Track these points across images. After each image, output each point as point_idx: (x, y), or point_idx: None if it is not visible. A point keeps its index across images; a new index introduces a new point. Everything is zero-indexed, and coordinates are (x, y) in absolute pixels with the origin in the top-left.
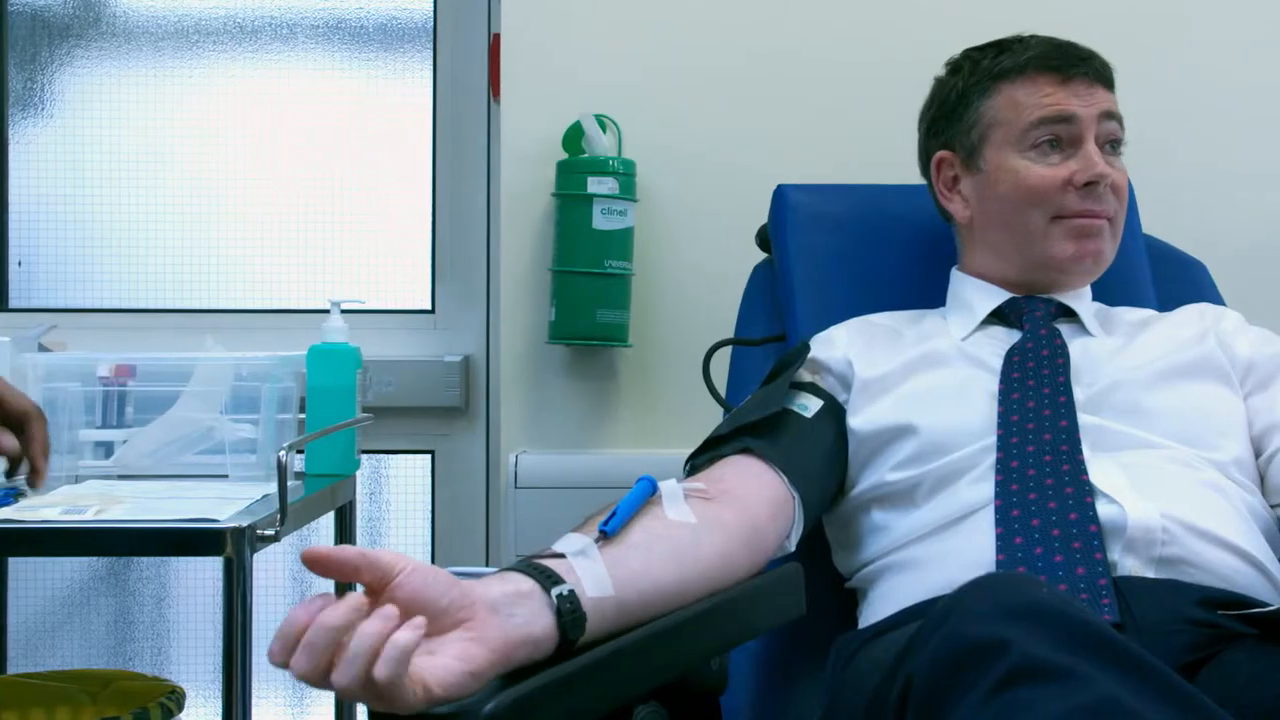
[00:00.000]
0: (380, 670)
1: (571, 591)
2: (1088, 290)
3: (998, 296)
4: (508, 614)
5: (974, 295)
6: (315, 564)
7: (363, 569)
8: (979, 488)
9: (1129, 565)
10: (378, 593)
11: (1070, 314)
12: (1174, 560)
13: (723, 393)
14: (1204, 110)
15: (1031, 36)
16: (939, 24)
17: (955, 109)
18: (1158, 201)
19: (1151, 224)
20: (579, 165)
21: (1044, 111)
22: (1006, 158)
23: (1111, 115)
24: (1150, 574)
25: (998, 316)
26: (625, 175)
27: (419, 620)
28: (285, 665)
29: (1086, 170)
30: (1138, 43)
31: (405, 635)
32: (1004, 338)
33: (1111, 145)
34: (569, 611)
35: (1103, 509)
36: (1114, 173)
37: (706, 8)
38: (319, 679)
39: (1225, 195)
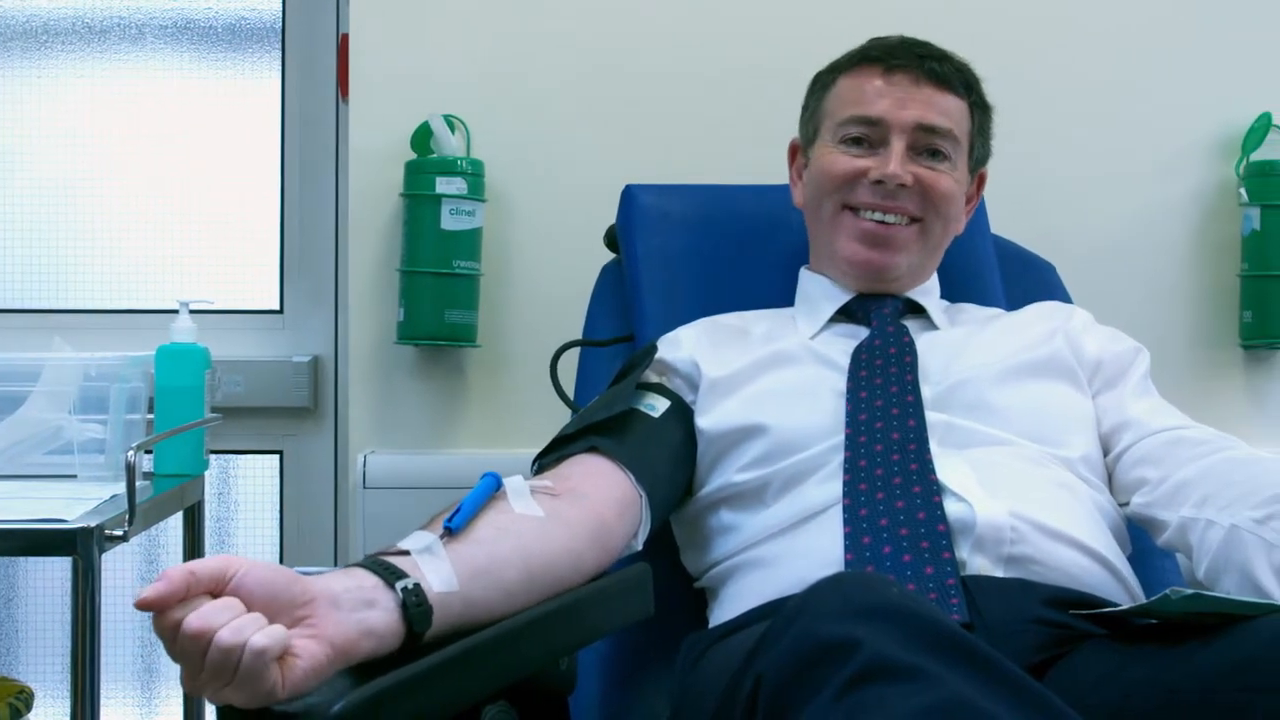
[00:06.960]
0: (258, 640)
1: (417, 585)
2: (935, 285)
3: (844, 294)
4: (350, 609)
5: (820, 293)
6: (151, 607)
7: (192, 585)
8: (827, 487)
9: (978, 564)
10: (218, 597)
11: (918, 310)
12: (1022, 559)
13: (571, 394)
14: (1052, 111)
15: (891, 36)
16: (787, 29)
17: (808, 101)
18: (1007, 202)
19: (1000, 224)
20: (427, 165)
21: (855, 110)
22: (824, 148)
23: (933, 130)
24: (999, 572)
25: (846, 314)
26: (474, 175)
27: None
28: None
29: (880, 168)
30: (987, 43)
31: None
32: (852, 336)
33: (930, 154)
34: (414, 605)
35: (951, 507)
36: (926, 174)
37: (555, 10)
38: (205, 637)
39: (1074, 196)
